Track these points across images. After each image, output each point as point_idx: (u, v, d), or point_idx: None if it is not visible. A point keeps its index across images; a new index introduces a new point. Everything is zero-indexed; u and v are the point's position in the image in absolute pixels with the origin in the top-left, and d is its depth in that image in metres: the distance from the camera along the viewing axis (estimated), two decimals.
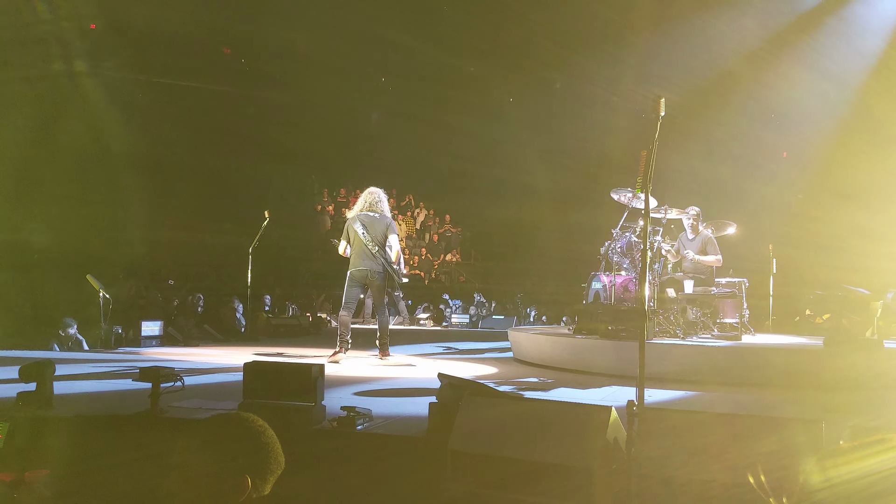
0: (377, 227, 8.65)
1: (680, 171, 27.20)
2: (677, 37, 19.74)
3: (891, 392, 6.83)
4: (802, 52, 28.75)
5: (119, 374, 7.26)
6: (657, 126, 4.81)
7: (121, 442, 4.54)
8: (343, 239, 8.77)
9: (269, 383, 4.89)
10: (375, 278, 8.61)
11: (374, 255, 8.56)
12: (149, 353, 9.73)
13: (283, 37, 18.14)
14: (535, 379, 7.62)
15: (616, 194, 10.02)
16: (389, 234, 8.69)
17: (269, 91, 19.34)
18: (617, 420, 3.71)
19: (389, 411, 5.24)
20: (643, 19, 19.34)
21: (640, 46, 19.42)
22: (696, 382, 7.19)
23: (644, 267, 4.96)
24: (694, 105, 23.60)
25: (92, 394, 6.13)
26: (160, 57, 16.95)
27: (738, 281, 9.79)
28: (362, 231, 8.58)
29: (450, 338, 13.79)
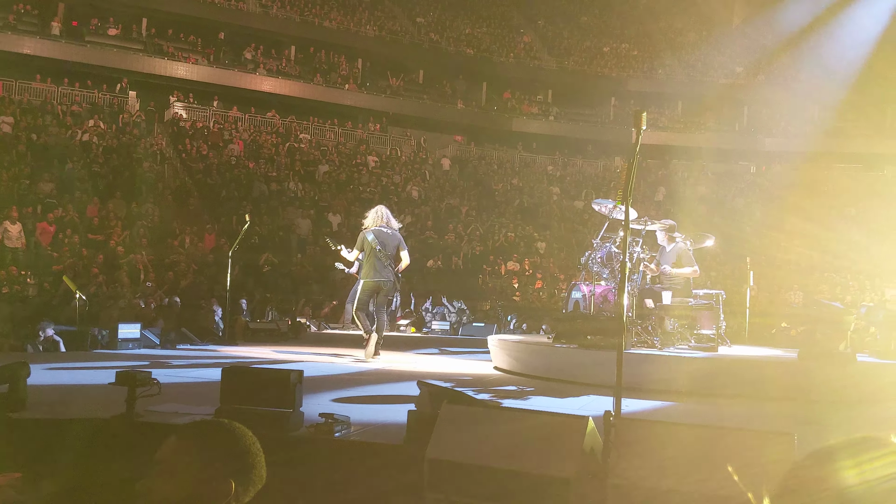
0: (391, 242, 9.50)
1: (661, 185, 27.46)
2: None
3: (864, 405, 6.92)
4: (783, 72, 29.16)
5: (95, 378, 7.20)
6: (638, 140, 4.86)
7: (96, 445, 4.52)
8: (357, 248, 9.55)
9: (247, 389, 4.88)
10: (387, 287, 9.47)
11: (386, 267, 9.33)
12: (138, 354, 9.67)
13: None
14: (513, 387, 7.65)
15: (597, 205, 10.08)
16: (402, 249, 9.58)
17: None
18: (594, 430, 3.74)
19: (368, 418, 5.24)
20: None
21: None
22: (672, 393, 7.24)
23: (623, 277, 5.01)
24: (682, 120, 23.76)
25: (67, 396, 6.08)
26: None
27: (715, 293, 9.87)
28: (379, 246, 9.33)
29: (430, 344, 13.80)
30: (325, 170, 25.32)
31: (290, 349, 11.22)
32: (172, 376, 7.29)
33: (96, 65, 25.97)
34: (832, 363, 7.81)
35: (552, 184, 29.98)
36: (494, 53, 34.14)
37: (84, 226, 17.74)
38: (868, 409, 6.80)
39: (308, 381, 5.47)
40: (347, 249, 9.86)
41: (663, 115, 34.40)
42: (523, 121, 33.53)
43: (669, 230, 9.79)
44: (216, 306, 13.13)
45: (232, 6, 29.47)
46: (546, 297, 19.98)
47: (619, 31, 38.39)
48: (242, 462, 1.84)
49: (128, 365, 7.78)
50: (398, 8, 34.72)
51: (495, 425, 3.86)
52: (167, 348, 10.84)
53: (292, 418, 4.75)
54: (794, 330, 13.43)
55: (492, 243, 23.71)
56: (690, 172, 32.33)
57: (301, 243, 21.08)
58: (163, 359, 9.26)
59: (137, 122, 24.35)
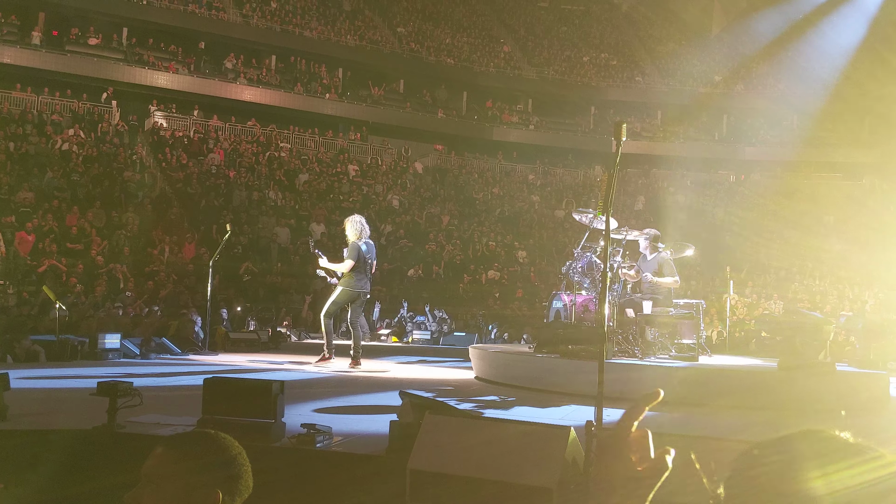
0: (374, 252, 9.83)
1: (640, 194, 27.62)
2: None
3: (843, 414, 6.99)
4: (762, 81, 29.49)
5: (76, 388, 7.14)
6: (618, 151, 4.90)
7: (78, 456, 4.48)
8: (351, 258, 9.55)
9: (229, 399, 4.86)
10: (365, 297, 9.85)
11: (369, 278, 9.69)
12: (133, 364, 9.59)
13: None
14: (495, 397, 7.66)
15: (578, 215, 10.14)
16: (375, 260, 9.88)
17: None
18: (576, 440, 3.76)
19: (350, 429, 5.23)
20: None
21: None
22: None
23: (604, 287, 5.04)
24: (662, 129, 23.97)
25: (47, 407, 6.03)
26: None
27: (695, 302, 9.94)
28: (370, 257, 9.63)
29: (411, 353, 13.80)
30: (305, 179, 25.27)
31: (271, 358, 11.19)
32: (153, 386, 7.24)
33: (77, 74, 25.82)
34: (812, 373, 7.89)
35: (533, 193, 30.09)
36: (475, 63, 34.28)
37: (63, 235, 17.60)
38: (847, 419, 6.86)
39: (289, 391, 5.46)
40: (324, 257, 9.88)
41: (643, 125, 34.65)
42: (504, 130, 33.66)
43: (654, 240, 9.86)
44: (196, 316, 13.07)
45: (213, 16, 29.40)
46: (527, 307, 20.02)
47: (598, 41, 38.67)
48: (230, 472, 1.84)
49: (108, 375, 7.72)
50: (379, 18, 34.78)
51: (477, 435, 3.87)
52: (147, 358, 10.77)
53: (274, 429, 4.74)
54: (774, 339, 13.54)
55: (472, 252, 23.75)
56: (670, 181, 32.57)
57: (281, 252, 21.01)
58: (143, 368, 9.20)
59: (118, 132, 24.21)
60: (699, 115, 34.88)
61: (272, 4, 31.48)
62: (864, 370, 10.65)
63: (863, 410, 7.40)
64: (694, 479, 1.29)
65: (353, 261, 9.52)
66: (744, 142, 33.90)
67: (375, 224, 21.98)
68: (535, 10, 40.13)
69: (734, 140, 34.22)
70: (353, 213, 10.79)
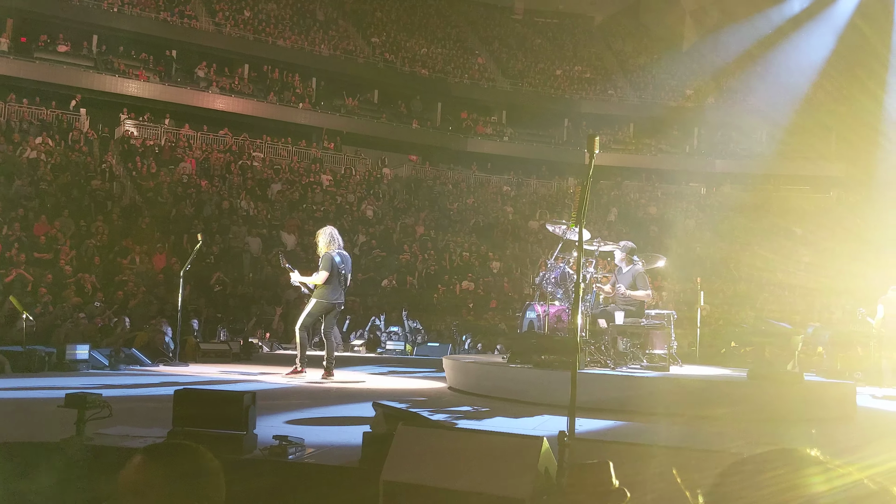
0: (348, 264, 9.83)
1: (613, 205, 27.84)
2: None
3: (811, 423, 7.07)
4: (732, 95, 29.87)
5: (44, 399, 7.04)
6: (591, 163, 4.94)
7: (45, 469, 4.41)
8: (325, 269, 9.52)
9: (200, 411, 4.81)
10: (339, 309, 9.87)
11: (343, 289, 9.70)
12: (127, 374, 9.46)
13: None
14: (469, 408, 7.66)
15: (551, 226, 10.19)
16: (349, 271, 9.88)
17: None
18: (548, 450, 3.77)
19: (322, 440, 5.20)
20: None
21: None
22: (625, 412, 7.32)
23: (577, 298, 5.07)
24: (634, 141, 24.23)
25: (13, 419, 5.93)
26: None
27: (666, 313, 10.02)
28: (343, 269, 9.64)
29: (384, 364, 13.76)
30: (277, 188, 25.15)
31: (243, 370, 11.11)
32: (123, 398, 7.15)
33: (45, 81, 25.53)
34: (780, 382, 7.99)
35: (506, 203, 30.19)
36: (449, 74, 34.40)
37: (31, 244, 17.35)
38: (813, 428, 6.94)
39: (261, 402, 5.42)
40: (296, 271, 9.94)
41: (615, 137, 34.96)
42: (478, 141, 33.79)
43: (630, 252, 9.93)
44: (166, 326, 12.93)
45: (185, 24, 29.24)
46: (501, 318, 20.05)
47: (572, 54, 38.99)
48: (209, 483, 1.83)
49: (77, 386, 7.61)
50: (353, 27, 34.80)
51: (450, 446, 3.87)
52: (116, 369, 10.64)
53: (245, 441, 4.70)
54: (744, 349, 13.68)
55: (446, 263, 23.76)
56: (642, 193, 32.85)
57: (253, 262, 20.86)
58: (112, 380, 9.08)
59: (87, 140, 23.95)
60: (671, 127, 35.27)
61: (245, 13, 31.40)
62: (832, 380, 10.79)
63: (830, 420, 7.50)
64: (673, 490, 1.31)
65: (326, 272, 9.49)
66: (714, 154, 34.31)
67: (349, 234, 21.95)
68: (509, 22, 40.40)
69: (705, 153, 34.62)
70: (325, 223, 10.77)
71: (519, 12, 40.70)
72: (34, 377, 9.43)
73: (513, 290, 22.59)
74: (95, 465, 4.37)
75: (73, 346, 10.46)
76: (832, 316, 19.45)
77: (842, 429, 7.18)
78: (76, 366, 10.19)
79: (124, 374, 10.27)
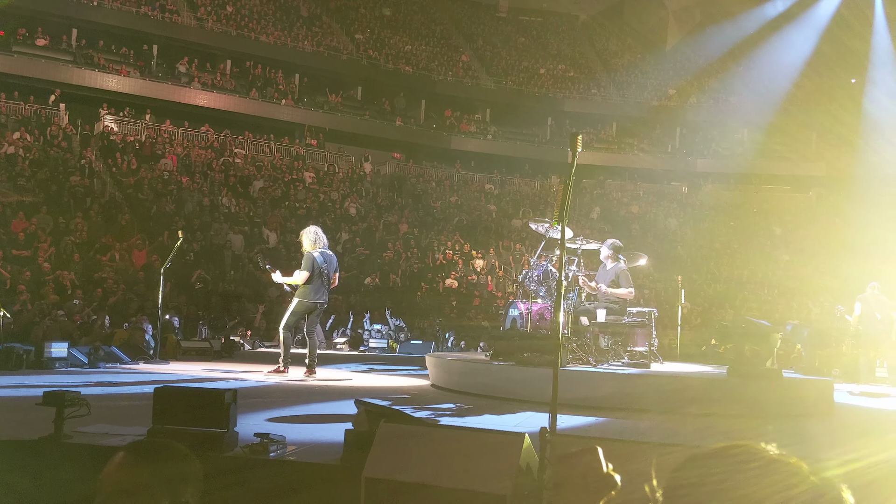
0: (333, 264, 9.78)
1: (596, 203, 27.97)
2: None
3: (790, 419, 7.13)
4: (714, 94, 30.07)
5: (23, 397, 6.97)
6: (574, 161, 4.95)
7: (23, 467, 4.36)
8: (306, 269, 9.51)
9: (180, 409, 4.77)
10: (322, 308, 9.84)
11: (326, 288, 9.64)
12: None
13: None
14: (452, 405, 7.66)
15: (534, 224, 10.21)
16: (336, 271, 9.86)
17: None
18: (530, 447, 3.78)
19: (304, 438, 5.18)
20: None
21: None
22: (607, 409, 7.35)
23: (559, 296, 5.08)
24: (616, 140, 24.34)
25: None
26: None
27: (647, 311, 10.06)
28: (325, 268, 9.58)
29: (367, 362, 13.74)
30: (260, 185, 25.02)
31: (224, 367, 11.06)
32: (102, 395, 7.10)
33: (24, 76, 25.24)
34: (759, 379, 8.05)
35: (490, 202, 30.22)
36: (433, 72, 34.36)
37: (9, 241, 17.17)
38: (791, 424, 7.00)
39: (242, 400, 5.40)
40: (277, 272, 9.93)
41: (598, 136, 35.08)
42: (461, 139, 33.78)
43: (616, 250, 9.97)
44: (147, 324, 12.84)
45: (166, 18, 29.01)
46: (484, 315, 20.08)
47: (555, 53, 39.05)
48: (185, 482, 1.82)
49: (55, 384, 7.55)
50: (336, 24, 34.68)
51: (432, 443, 3.86)
52: (96, 367, 10.56)
53: (226, 438, 4.67)
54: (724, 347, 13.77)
55: (430, 261, 23.75)
56: (624, 192, 33.00)
57: (235, 260, 20.76)
58: (91, 378, 9.01)
59: (66, 135, 23.72)
60: (653, 127, 35.44)
61: (227, 8, 31.20)
62: (810, 377, 10.89)
63: (809, 415, 7.57)
64: (638, 484, 1.34)
65: (307, 272, 9.48)
66: (696, 154, 34.51)
67: (332, 232, 21.87)
68: (493, 20, 40.40)
69: (686, 152, 34.81)
70: (308, 220, 10.73)
71: (503, 10, 40.71)
72: (12, 375, 9.32)
73: (496, 288, 22.63)
74: (74, 463, 4.33)
75: (52, 344, 10.35)
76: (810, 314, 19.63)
77: (820, 424, 7.24)
78: (54, 364, 10.09)
79: (103, 371, 10.19)
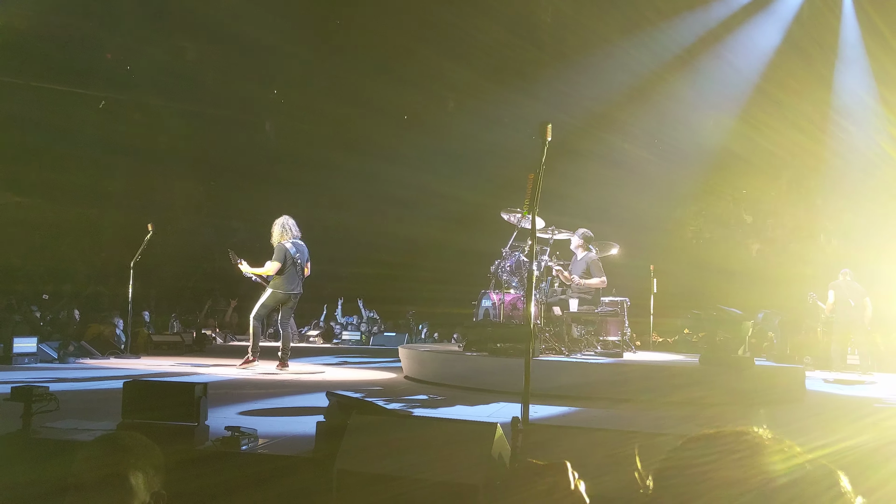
0: (305, 253, 9.66)
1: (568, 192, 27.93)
2: (571, 68, 20.49)
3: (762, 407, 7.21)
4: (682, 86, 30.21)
5: None
6: (544, 150, 4.95)
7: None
8: (277, 260, 9.48)
9: (150, 402, 4.74)
10: (295, 299, 9.67)
11: (299, 279, 9.55)
12: None
13: None
14: (425, 396, 7.66)
15: (506, 214, 10.23)
16: (308, 260, 9.73)
17: None
18: (502, 437, 3.78)
19: (276, 431, 5.15)
20: (541, 52, 19.97)
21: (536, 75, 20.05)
22: (580, 398, 7.39)
23: (530, 286, 5.09)
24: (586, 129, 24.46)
25: None
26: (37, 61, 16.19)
27: (620, 300, 10.13)
28: (298, 258, 9.52)
29: (340, 354, 13.70)
30: None
31: (196, 361, 10.98)
32: (71, 391, 7.02)
33: None
34: (732, 367, 8.13)
35: None
36: None
37: None
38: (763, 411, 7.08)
39: (214, 393, 5.36)
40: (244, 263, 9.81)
41: None
42: None
43: (587, 240, 10.01)
44: (117, 318, 12.71)
45: None
46: (457, 306, 20.07)
47: None
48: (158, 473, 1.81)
49: (23, 380, 7.44)
50: None
51: (404, 434, 3.86)
52: (66, 362, 10.44)
53: (197, 432, 4.64)
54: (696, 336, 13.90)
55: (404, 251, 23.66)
56: None
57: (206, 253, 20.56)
58: (61, 373, 8.90)
59: None
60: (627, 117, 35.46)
61: None
62: (782, 364, 11.03)
63: (780, 402, 7.66)
64: (627, 471, 1.33)
65: (279, 263, 9.45)
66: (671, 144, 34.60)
67: None
68: None
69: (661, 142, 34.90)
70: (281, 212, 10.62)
71: None
72: None
73: (470, 279, 22.62)
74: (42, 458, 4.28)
75: (21, 340, 10.22)
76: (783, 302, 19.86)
77: (792, 411, 7.33)
78: (23, 359, 9.97)
79: (73, 367, 10.07)
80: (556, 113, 29.65)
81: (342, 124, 19.99)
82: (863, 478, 3.73)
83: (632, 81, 25.95)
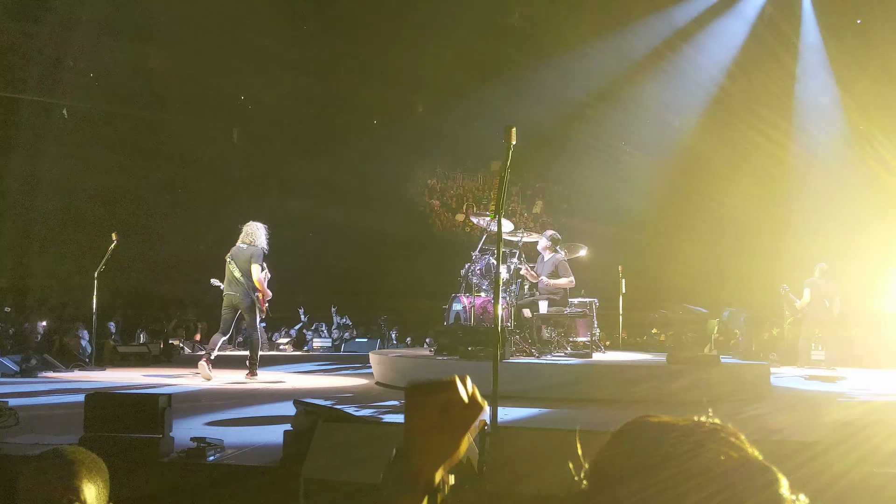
0: (243, 256, 9.36)
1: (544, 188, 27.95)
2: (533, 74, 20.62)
3: (727, 404, 7.27)
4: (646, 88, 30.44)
5: None
6: (509, 154, 4.95)
7: None
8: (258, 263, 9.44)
9: (113, 415, 4.65)
10: (236, 301, 9.34)
11: (238, 281, 9.27)
12: None
13: None
14: (396, 402, 7.61)
15: (475, 218, 10.23)
16: (253, 262, 9.31)
17: None
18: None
19: (243, 440, 5.10)
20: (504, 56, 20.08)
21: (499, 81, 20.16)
22: (550, 399, 7.40)
23: (497, 289, 5.08)
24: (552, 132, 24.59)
25: None
26: None
27: (588, 301, 10.17)
28: (230, 261, 9.36)
29: (311, 362, 13.61)
30: None
31: (162, 372, 10.84)
32: (32, 405, 6.88)
33: None
34: (698, 365, 8.20)
35: (433, 196, 30.17)
36: None
37: None
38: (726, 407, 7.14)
39: (180, 404, 5.29)
40: None
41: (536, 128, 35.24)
42: None
43: (554, 242, 10.04)
44: (83, 330, 12.51)
45: None
46: (429, 311, 20.04)
47: None
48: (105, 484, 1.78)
49: None
50: None
51: (370, 441, 3.83)
52: (30, 376, 10.23)
53: (162, 444, 4.56)
54: (664, 335, 14.00)
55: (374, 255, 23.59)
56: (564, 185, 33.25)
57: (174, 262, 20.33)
58: (22, 387, 8.74)
59: None
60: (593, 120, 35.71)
61: None
62: (747, 361, 11.13)
63: (747, 398, 7.73)
64: (565, 469, 1.30)
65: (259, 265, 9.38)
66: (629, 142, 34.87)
67: None
68: None
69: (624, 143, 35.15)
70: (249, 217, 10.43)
71: None
72: None
73: (440, 283, 22.58)
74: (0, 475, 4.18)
75: None
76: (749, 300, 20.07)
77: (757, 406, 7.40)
78: None
79: (36, 381, 9.88)
80: (533, 107, 29.56)
81: (312, 124, 20.01)
82: (820, 475, 3.75)
83: (600, 81, 26.11)
